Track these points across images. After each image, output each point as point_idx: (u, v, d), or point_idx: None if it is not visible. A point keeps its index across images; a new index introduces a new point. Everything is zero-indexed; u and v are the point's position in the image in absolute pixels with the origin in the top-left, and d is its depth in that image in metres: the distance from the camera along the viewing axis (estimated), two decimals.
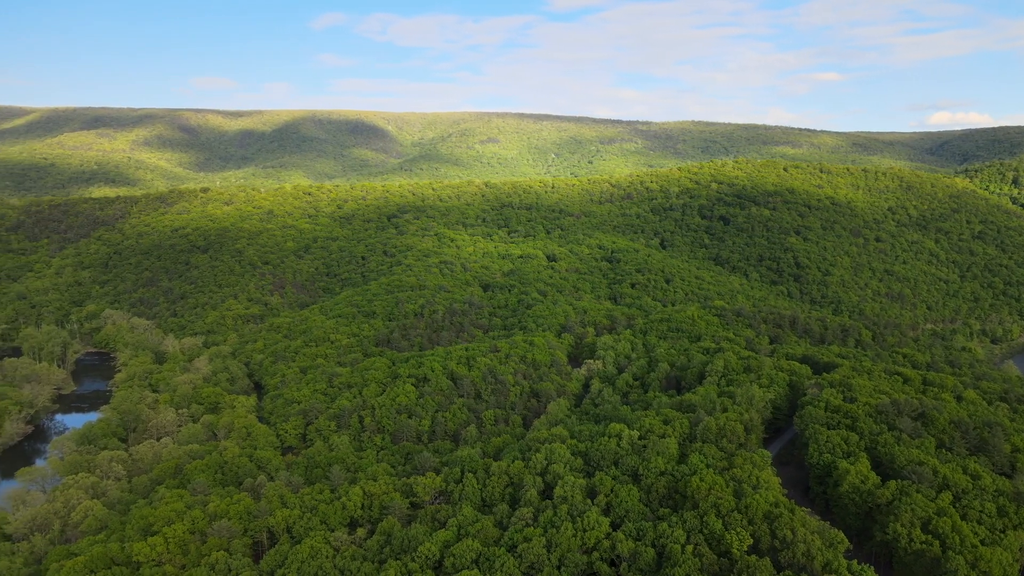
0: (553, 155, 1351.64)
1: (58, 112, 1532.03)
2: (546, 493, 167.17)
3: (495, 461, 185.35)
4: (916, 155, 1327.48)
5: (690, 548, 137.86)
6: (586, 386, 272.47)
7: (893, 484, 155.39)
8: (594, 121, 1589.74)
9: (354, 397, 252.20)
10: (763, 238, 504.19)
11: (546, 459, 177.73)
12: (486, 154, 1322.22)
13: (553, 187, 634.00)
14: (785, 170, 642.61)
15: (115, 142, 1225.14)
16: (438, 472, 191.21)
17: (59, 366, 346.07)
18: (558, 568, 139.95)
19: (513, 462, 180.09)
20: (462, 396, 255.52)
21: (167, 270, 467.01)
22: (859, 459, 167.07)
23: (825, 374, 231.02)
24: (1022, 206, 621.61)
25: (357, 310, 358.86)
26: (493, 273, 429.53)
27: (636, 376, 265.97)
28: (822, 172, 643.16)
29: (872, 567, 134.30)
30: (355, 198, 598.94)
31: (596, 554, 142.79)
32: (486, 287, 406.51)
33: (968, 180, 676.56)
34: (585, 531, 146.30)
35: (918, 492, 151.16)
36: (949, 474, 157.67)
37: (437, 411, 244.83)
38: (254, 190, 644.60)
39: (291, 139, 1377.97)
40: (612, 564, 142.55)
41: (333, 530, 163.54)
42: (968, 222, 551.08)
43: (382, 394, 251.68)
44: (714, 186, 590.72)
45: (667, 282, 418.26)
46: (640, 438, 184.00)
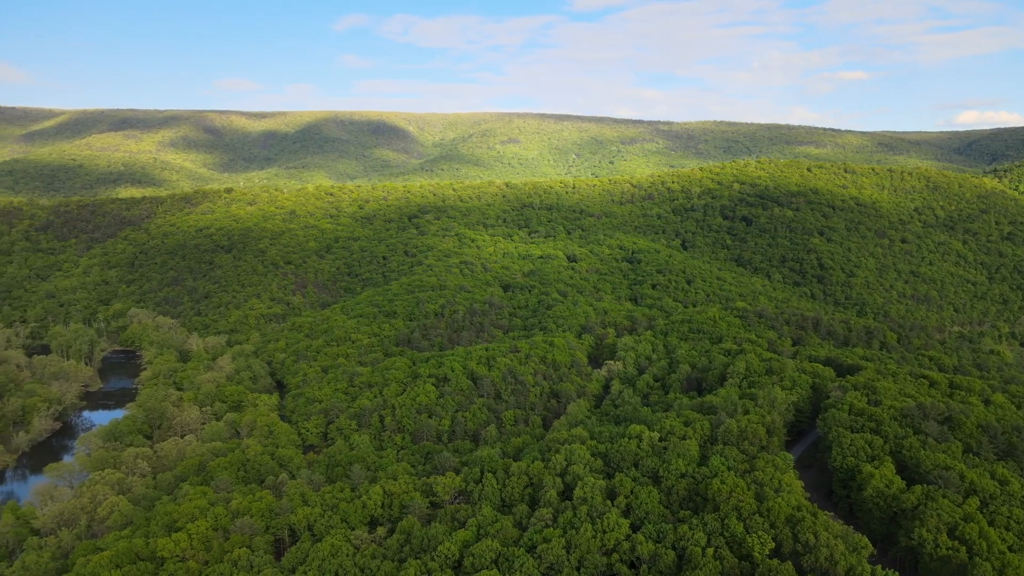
0: (574, 155, 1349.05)
1: (87, 114, 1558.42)
2: (566, 494, 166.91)
3: (515, 461, 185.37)
4: (943, 155, 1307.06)
5: (711, 551, 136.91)
6: (606, 387, 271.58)
7: (919, 489, 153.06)
8: (615, 121, 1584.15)
9: (375, 396, 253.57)
10: (786, 239, 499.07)
11: (566, 460, 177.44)
12: (507, 154, 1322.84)
13: (574, 187, 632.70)
14: (809, 170, 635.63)
15: (142, 143, 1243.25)
16: (458, 472, 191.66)
17: (87, 364, 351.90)
18: (577, 569, 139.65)
19: (533, 463, 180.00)
20: (482, 396, 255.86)
21: (191, 270, 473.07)
22: (884, 463, 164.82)
23: (849, 376, 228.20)
24: None
25: (378, 310, 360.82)
26: (513, 273, 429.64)
27: (657, 377, 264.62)
28: (847, 172, 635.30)
29: (897, 573, 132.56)
30: (376, 198, 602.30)
31: (616, 556, 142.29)
32: (506, 287, 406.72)
33: (997, 180, 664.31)
34: (605, 532, 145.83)
35: (944, 497, 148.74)
36: (976, 479, 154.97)
37: (457, 411, 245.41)
38: (277, 190, 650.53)
39: (313, 140, 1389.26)
40: (632, 566, 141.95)
41: (354, 528, 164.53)
42: (997, 223, 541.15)
43: (402, 394, 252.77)
44: (736, 186, 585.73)
45: (688, 283, 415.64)
46: (660, 440, 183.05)
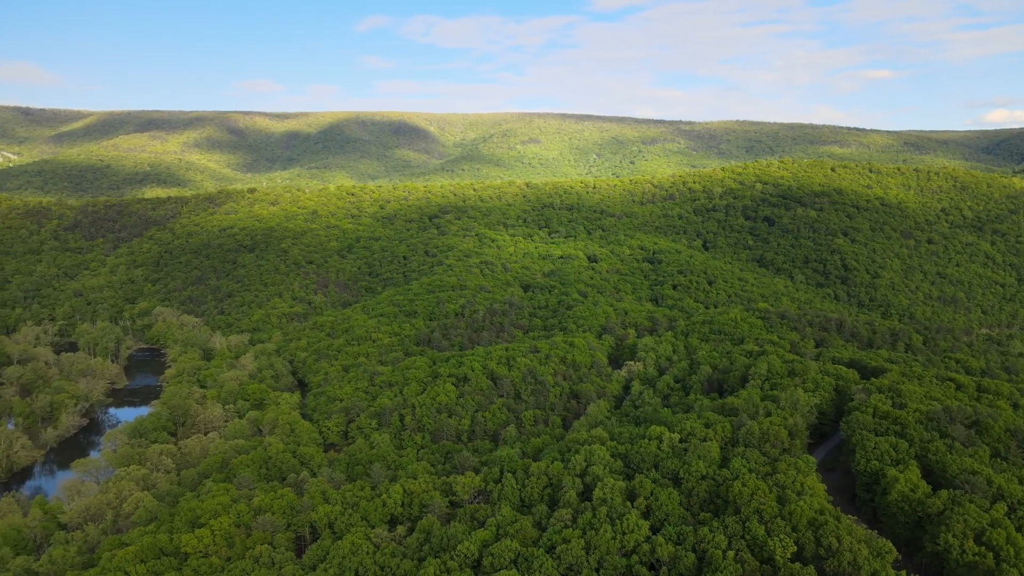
0: (595, 155, 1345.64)
1: (114, 115, 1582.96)
2: (585, 495, 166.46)
3: (534, 462, 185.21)
4: (971, 154, 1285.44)
5: (731, 554, 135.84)
6: (626, 388, 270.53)
7: (945, 493, 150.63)
8: (636, 121, 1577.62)
9: (395, 396, 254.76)
10: (809, 239, 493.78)
11: (585, 460, 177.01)
12: (527, 155, 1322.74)
13: (594, 187, 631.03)
14: (833, 170, 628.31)
15: (167, 144, 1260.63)
16: (477, 472, 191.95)
17: (113, 361, 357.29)
18: (597, 571, 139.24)
19: (552, 463, 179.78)
20: (502, 396, 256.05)
21: (215, 269, 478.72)
22: (909, 467, 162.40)
23: (873, 379, 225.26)
24: None
25: (398, 309, 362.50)
26: (534, 274, 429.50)
27: (677, 378, 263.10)
28: (872, 172, 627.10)
29: None
30: (397, 198, 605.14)
31: (635, 557, 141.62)
32: (526, 287, 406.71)
33: None
34: (624, 534, 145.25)
35: (971, 502, 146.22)
36: (1004, 484, 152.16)
37: (477, 411, 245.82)
38: (299, 191, 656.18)
39: (335, 140, 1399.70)
40: (652, 568, 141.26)
41: (374, 527, 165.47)
42: None
43: (423, 393, 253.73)
44: (758, 186, 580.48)
45: (709, 284, 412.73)
46: (681, 441, 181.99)
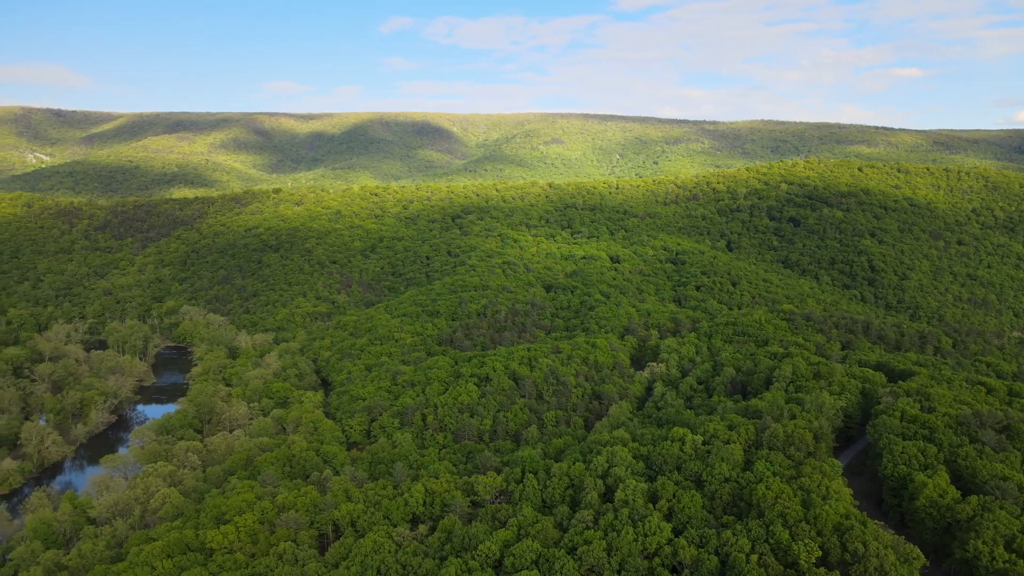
0: (618, 156, 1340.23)
1: (143, 117, 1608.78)
2: (607, 496, 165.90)
3: (556, 462, 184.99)
4: (1003, 153, 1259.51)
5: (755, 558, 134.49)
6: (649, 389, 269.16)
7: (974, 499, 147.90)
8: (659, 121, 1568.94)
9: (417, 395, 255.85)
10: (835, 240, 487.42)
11: (607, 462, 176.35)
12: (550, 155, 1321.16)
13: (617, 188, 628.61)
14: (860, 170, 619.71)
15: (194, 145, 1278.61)
16: (499, 472, 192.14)
17: (141, 359, 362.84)
18: (618, 573, 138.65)
19: (574, 464, 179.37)
20: (524, 396, 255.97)
21: (241, 268, 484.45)
22: (937, 472, 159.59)
23: (901, 382, 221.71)
24: None
25: (421, 309, 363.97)
26: (556, 274, 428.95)
27: (700, 380, 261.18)
28: (900, 172, 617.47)
29: None
30: (420, 199, 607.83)
31: (657, 560, 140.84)
32: (549, 288, 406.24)
33: None
34: (646, 536, 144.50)
35: (1002, 508, 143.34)
36: None
37: (499, 411, 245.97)
38: (323, 191, 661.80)
39: (359, 141, 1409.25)
40: (674, 571, 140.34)
41: (396, 526, 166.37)
42: None
43: (445, 393, 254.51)
44: (783, 187, 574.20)
45: (733, 285, 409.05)
46: (704, 443, 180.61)
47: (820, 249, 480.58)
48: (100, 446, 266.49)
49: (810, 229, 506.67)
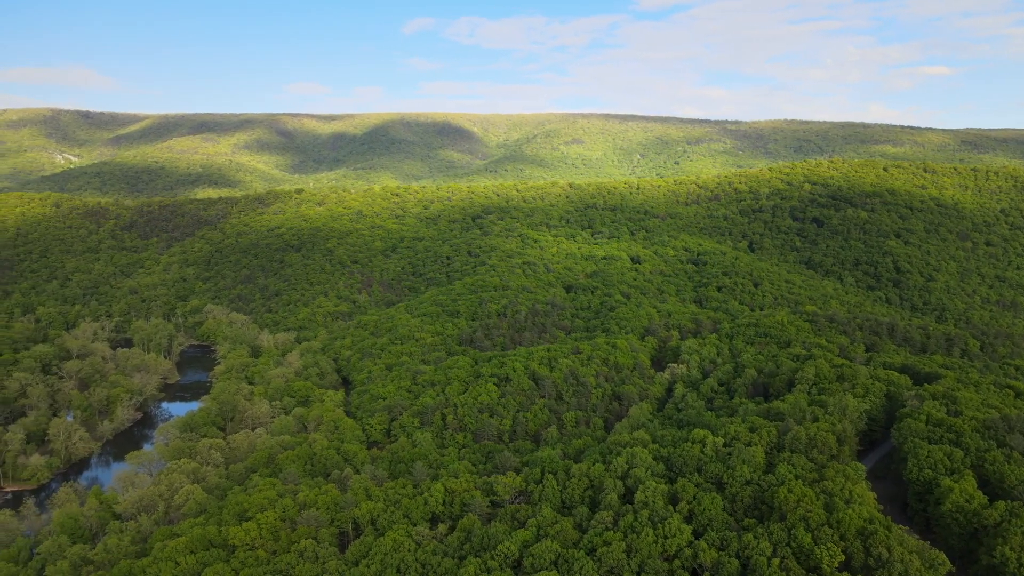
0: (639, 156, 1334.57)
1: (168, 118, 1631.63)
2: (626, 497, 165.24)
3: (575, 463, 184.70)
4: None
5: (776, 561, 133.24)
6: (669, 390, 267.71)
7: (1002, 505, 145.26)
8: (681, 121, 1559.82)
9: (437, 395, 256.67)
10: (859, 241, 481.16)
11: (627, 463, 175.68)
12: (571, 155, 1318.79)
13: (638, 188, 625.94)
14: (885, 170, 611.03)
15: (218, 146, 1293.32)
16: (518, 472, 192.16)
17: (165, 357, 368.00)
18: (638, 574, 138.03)
19: (594, 465, 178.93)
20: (543, 397, 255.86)
21: (263, 268, 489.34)
22: (964, 477, 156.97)
23: (927, 385, 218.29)
24: None
25: (441, 309, 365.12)
26: (576, 274, 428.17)
27: (721, 381, 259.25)
28: (926, 172, 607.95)
29: None
30: (441, 199, 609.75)
31: (677, 562, 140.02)
32: (569, 288, 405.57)
33: None
34: (666, 538, 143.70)
35: None
36: None
37: (518, 411, 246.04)
38: (345, 191, 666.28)
39: (380, 141, 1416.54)
40: (694, 573, 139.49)
41: (415, 524, 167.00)
42: None
43: (464, 392, 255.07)
44: (807, 187, 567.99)
45: (755, 286, 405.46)
46: (725, 445, 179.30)
47: (844, 250, 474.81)
48: (125, 442, 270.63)
49: (834, 230, 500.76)
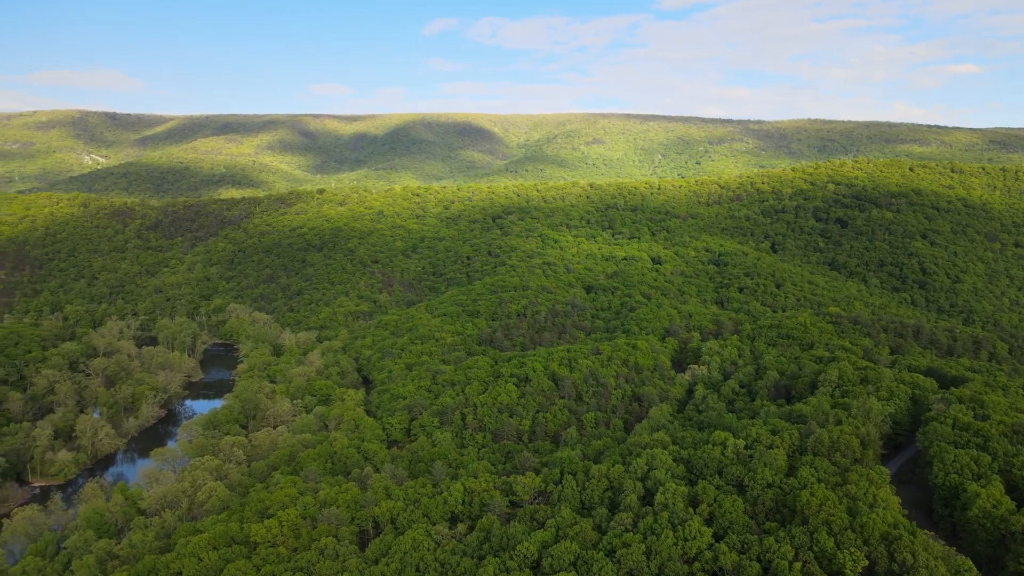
0: (660, 156, 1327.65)
1: (193, 120, 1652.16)
2: (646, 499, 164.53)
3: (595, 464, 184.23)
4: None
5: (798, 565, 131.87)
6: (690, 392, 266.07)
7: None
8: (703, 121, 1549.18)
9: (457, 395, 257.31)
10: (884, 242, 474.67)
11: (647, 464, 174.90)
12: (591, 155, 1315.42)
13: (659, 188, 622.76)
14: (911, 169, 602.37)
15: (242, 147, 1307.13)
16: (538, 472, 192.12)
17: (189, 355, 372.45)
18: None
19: (613, 466, 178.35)
20: (563, 397, 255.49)
21: (285, 268, 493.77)
22: (991, 482, 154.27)
23: (953, 388, 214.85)
24: None
25: (461, 309, 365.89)
26: (596, 275, 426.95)
27: (743, 383, 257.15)
28: (953, 171, 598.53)
29: None
30: (461, 199, 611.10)
31: (697, 565, 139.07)
32: (589, 289, 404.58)
33: None
34: (686, 540, 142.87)
35: None
36: None
37: (538, 411, 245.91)
38: (366, 191, 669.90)
39: (402, 142, 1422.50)
40: None
41: (435, 524, 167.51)
42: None
43: (484, 392, 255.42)
44: (831, 187, 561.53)
45: (777, 287, 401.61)
46: (746, 447, 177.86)
47: (868, 251, 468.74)
48: (150, 439, 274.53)
49: (858, 230, 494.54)
